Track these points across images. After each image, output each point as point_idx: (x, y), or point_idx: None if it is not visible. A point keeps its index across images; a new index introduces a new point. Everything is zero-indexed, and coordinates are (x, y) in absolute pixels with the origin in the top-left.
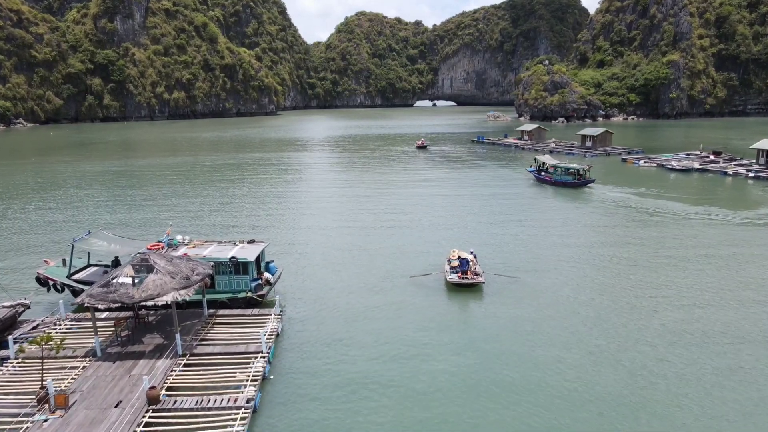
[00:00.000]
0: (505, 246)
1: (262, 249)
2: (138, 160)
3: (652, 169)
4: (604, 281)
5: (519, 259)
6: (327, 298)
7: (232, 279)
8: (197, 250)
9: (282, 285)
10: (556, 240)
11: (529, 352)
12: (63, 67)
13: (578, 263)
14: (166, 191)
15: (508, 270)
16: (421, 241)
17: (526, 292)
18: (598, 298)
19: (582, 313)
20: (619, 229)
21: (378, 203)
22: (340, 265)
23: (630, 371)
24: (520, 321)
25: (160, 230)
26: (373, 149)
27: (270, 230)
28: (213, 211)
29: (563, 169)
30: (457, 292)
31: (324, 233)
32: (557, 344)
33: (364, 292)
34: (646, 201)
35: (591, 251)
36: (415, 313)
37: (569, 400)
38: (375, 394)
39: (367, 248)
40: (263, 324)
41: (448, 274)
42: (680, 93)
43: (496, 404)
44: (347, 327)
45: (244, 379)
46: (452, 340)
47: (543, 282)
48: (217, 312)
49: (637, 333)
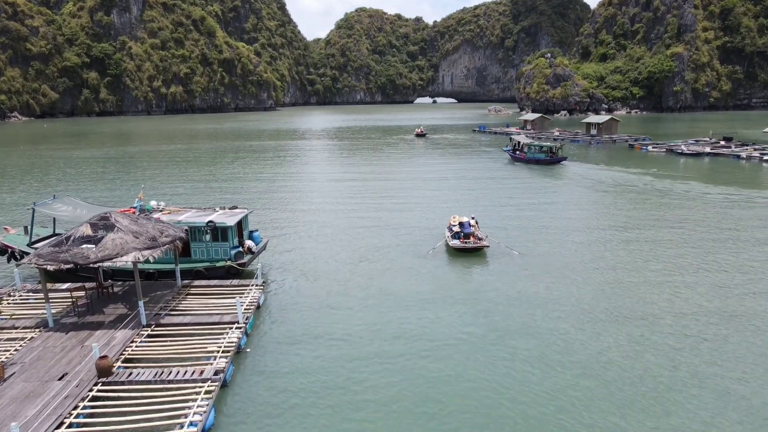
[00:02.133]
0: (507, 222)
1: (244, 215)
2: (129, 147)
3: (661, 154)
4: (620, 259)
5: (519, 234)
6: (315, 269)
7: (209, 246)
8: (172, 216)
9: (267, 256)
10: (568, 221)
11: (544, 324)
12: (59, 61)
13: (589, 240)
14: (152, 172)
15: (514, 243)
16: (414, 216)
17: (532, 259)
18: (618, 274)
19: (592, 282)
20: (631, 209)
21: (371, 185)
22: (330, 238)
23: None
24: (530, 287)
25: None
26: (370, 138)
27: (259, 204)
28: (200, 188)
29: (537, 147)
30: (459, 257)
31: (316, 210)
32: (570, 315)
33: (357, 263)
34: (658, 182)
35: (605, 232)
36: (413, 281)
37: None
38: (363, 368)
39: (360, 224)
40: (242, 295)
41: (449, 239)
42: (684, 86)
43: (511, 383)
44: (337, 298)
45: (215, 350)
46: (458, 310)
47: (553, 255)
48: (192, 282)
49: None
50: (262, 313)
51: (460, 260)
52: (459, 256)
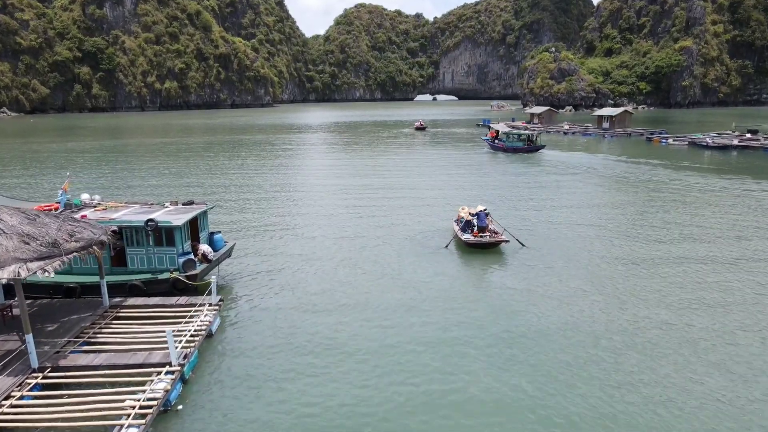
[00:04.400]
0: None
1: (200, 212)
2: (106, 141)
3: (683, 148)
4: (650, 254)
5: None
6: (294, 281)
7: (150, 253)
8: (106, 213)
9: (233, 265)
10: (589, 217)
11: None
12: (49, 55)
13: (611, 235)
14: (120, 165)
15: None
16: (407, 209)
17: (555, 256)
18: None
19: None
20: (660, 203)
21: (363, 180)
22: (316, 240)
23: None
24: (560, 284)
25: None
26: (368, 132)
27: (232, 199)
28: (167, 181)
29: (515, 135)
30: (472, 254)
31: (299, 207)
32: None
33: (349, 272)
34: (690, 177)
35: (631, 226)
36: (424, 293)
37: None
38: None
39: (350, 222)
40: (189, 319)
41: (459, 233)
42: (693, 81)
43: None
44: (322, 320)
45: (127, 409)
46: (472, 316)
47: (575, 249)
48: (125, 301)
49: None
50: (214, 345)
51: (474, 258)
52: (471, 253)
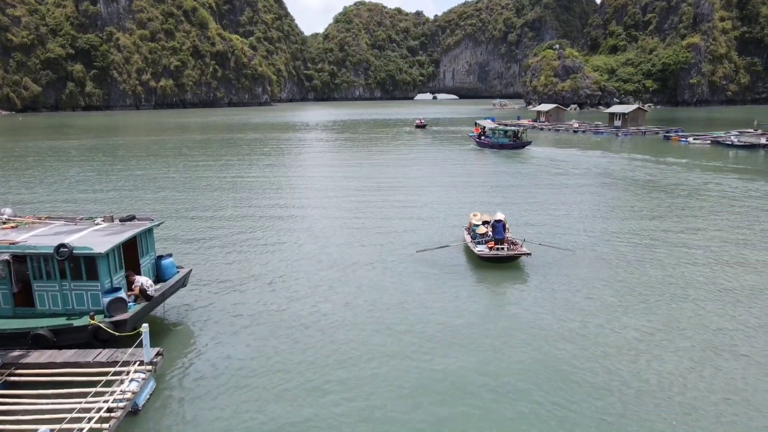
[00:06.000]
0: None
1: (140, 232)
2: (92, 140)
3: (706, 147)
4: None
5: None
6: (274, 312)
7: (65, 289)
8: (14, 233)
9: (189, 297)
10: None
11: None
12: (42, 52)
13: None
14: (84, 167)
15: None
16: (409, 216)
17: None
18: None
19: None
20: (704, 211)
21: (358, 180)
22: (297, 263)
23: None
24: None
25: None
26: (367, 132)
27: (195, 209)
28: (127, 186)
29: (500, 131)
30: (487, 269)
31: (283, 217)
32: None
33: (340, 299)
34: (722, 180)
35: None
36: (425, 322)
37: None
38: None
39: (339, 241)
40: (110, 387)
41: (472, 245)
42: (701, 78)
43: None
44: (300, 378)
45: None
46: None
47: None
48: (23, 358)
49: None
50: (140, 426)
51: (489, 275)
52: (485, 268)
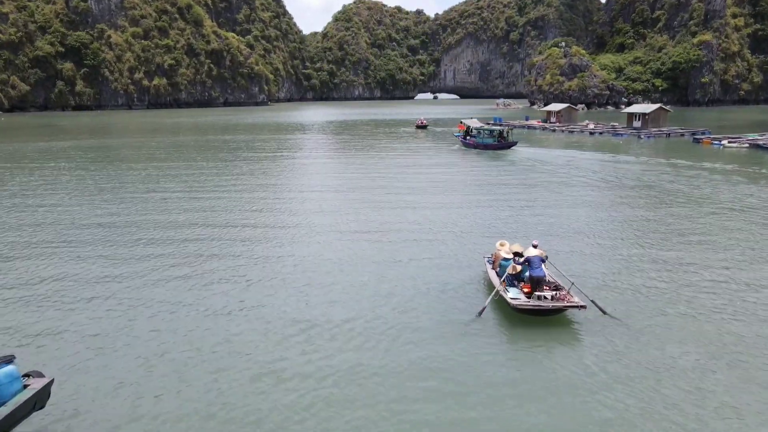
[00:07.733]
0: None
1: None
2: (61, 142)
3: (742, 151)
4: None
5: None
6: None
7: None
8: None
9: (60, 423)
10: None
11: None
12: (30, 50)
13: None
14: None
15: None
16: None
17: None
18: None
19: None
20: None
21: (358, 190)
22: (258, 326)
23: None
24: None
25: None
26: (366, 132)
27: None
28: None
29: (486, 131)
30: (524, 325)
31: (242, 256)
32: None
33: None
34: None
35: None
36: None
37: None
38: None
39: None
40: None
41: (503, 290)
42: (713, 77)
43: None
44: None
45: None
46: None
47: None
48: None
49: None
50: None
51: (528, 333)
52: (521, 323)
